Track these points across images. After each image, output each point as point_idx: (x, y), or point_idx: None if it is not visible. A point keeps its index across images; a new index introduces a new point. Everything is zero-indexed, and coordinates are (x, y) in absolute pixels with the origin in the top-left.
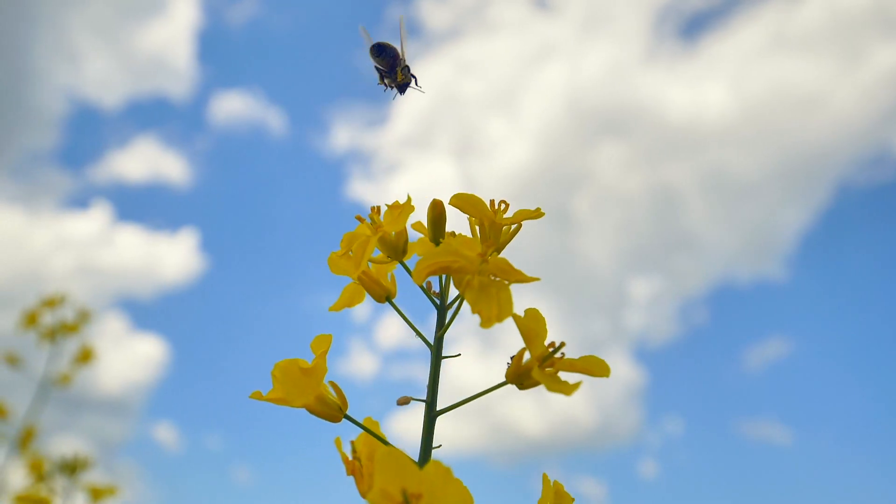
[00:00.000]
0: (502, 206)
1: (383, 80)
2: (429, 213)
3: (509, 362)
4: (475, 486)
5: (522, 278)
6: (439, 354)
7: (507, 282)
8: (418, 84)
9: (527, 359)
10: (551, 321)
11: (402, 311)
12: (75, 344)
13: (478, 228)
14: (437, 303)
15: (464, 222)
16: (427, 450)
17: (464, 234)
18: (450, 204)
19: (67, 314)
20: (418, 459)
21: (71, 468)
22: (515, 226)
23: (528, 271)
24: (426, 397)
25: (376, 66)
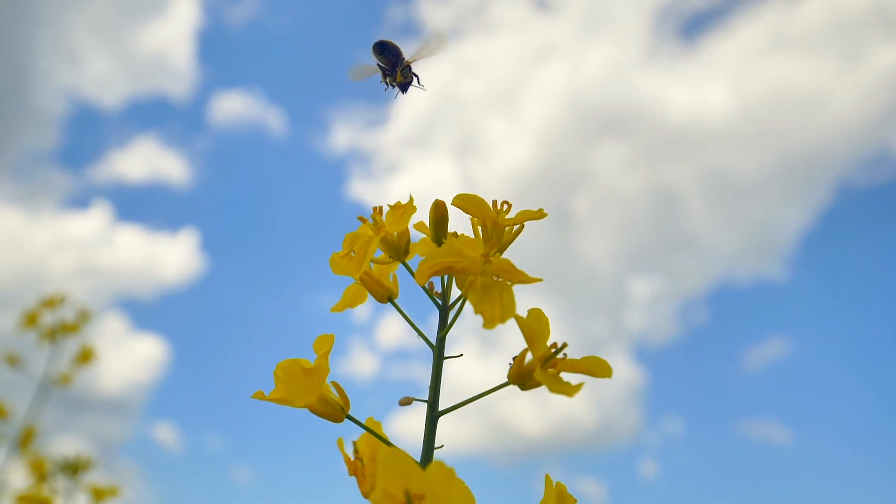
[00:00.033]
0: (505, 206)
1: (385, 78)
2: (431, 214)
3: (511, 363)
4: (475, 487)
5: (525, 279)
6: (441, 355)
7: (510, 283)
8: (420, 83)
9: (529, 360)
10: (551, 321)
11: (404, 311)
12: (75, 344)
13: (480, 229)
14: (440, 303)
15: (465, 223)
16: (429, 450)
17: (466, 235)
18: (452, 204)
19: (67, 314)
20: (420, 460)
21: (73, 468)
22: (518, 226)
23: (528, 271)
24: (428, 398)
25: (378, 64)
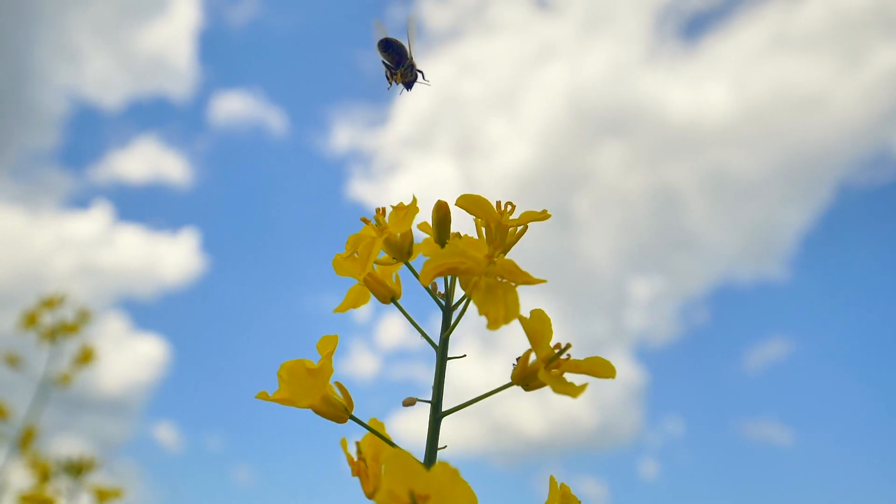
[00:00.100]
0: (508, 207)
1: (390, 75)
2: (434, 215)
3: (515, 363)
4: (476, 487)
5: (529, 280)
6: (445, 355)
7: (514, 284)
8: (425, 78)
9: (532, 360)
10: (552, 321)
11: (407, 312)
12: (75, 344)
13: (483, 230)
14: (443, 304)
15: (466, 223)
16: (433, 451)
17: (469, 236)
18: (456, 205)
19: (67, 314)
20: (424, 460)
21: (76, 469)
22: (521, 227)
23: (529, 272)
24: (431, 398)
25: (383, 62)
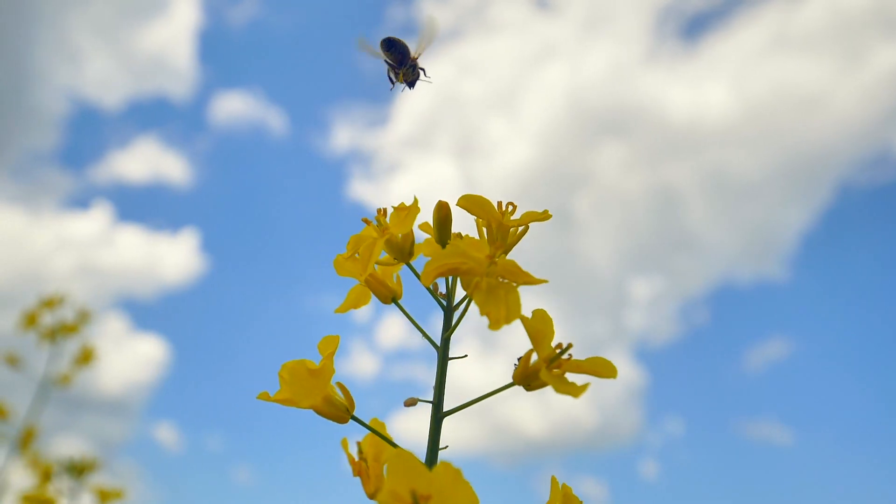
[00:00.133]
0: (510, 207)
1: (392, 74)
2: (435, 215)
3: (516, 363)
4: (476, 487)
5: (530, 280)
6: (446, 355)
7: (515, 284)
8: (427, 75)
9: (534, 360)
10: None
11: (408, 312)
12: (75, 344)
13: (485, 230)
14: (444, 304)
15: (467, 223)
16: (434, 451)
17: (470, 236)
18: (457, 205)
19: (67, 314)
20: (425, 460)
21: (78, 469)
22: (522, 228)
23: (530, 272)
24: (433, 398)
25: (386, 60)
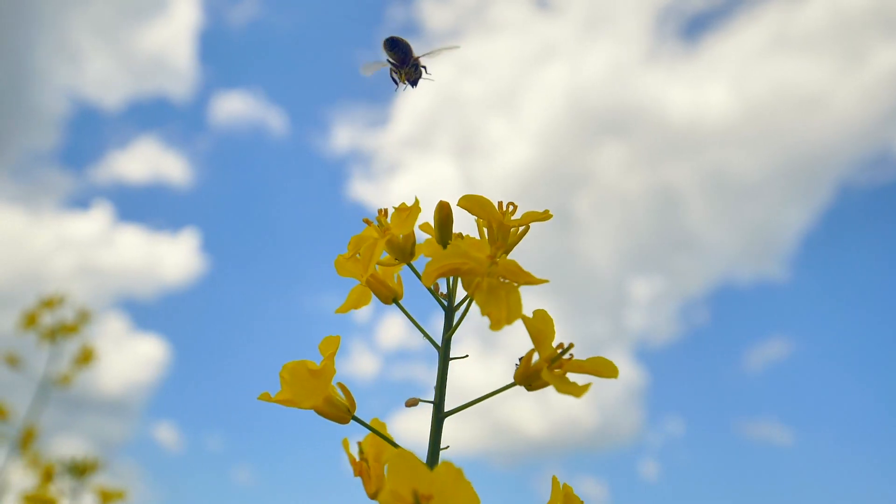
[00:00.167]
0: (510, 207)
1: (395, 73)
2: (435, 215)
3: (517, 364)
4: (477, 487)
5: (531, 280)
6: (447, 356)
7: (516, 284)
8: (428, 73)
9: (535, 360)
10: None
11: (409, 312)
12: (75, 344)
13: (486, 230)
14: (445, 304)
15: (468, 223)
16: (435, 451)
17: (471, 236)
18: (458, 205)
19: (67, 314)
20: (426, 460)
21: (80, 470)
22: (523, 228)
23: (530, 272)
24: (434, 398)
25: (388, 60)
